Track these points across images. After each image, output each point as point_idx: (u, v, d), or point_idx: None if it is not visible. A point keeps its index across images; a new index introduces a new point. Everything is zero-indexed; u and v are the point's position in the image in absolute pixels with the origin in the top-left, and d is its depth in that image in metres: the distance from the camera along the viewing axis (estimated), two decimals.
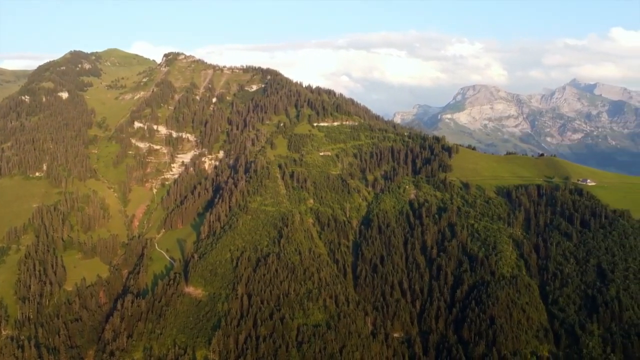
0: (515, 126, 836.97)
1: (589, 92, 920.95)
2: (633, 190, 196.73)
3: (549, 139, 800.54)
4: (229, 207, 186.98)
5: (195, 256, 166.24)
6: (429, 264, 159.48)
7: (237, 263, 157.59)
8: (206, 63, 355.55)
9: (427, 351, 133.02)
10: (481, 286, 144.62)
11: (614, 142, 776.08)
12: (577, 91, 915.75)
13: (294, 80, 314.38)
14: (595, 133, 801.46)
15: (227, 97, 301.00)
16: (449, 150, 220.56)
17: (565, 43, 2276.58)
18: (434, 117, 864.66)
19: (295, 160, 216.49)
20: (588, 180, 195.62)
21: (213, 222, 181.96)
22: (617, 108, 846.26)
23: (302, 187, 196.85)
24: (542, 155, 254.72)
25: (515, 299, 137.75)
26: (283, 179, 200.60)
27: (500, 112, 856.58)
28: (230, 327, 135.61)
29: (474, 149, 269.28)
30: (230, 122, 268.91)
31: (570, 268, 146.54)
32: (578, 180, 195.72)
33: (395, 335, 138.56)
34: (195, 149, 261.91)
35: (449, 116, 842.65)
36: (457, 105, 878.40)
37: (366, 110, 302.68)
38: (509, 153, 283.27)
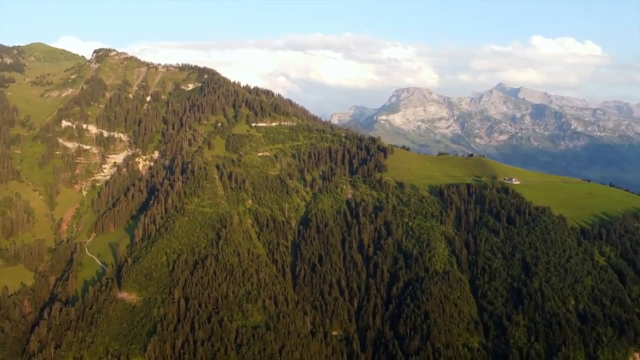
0: (447, 127, 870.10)
1: (514, 95, 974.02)
2: (553, 189, 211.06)
3: (477, 140, 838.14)
4: (165, 208, 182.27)
5: (129, 260, 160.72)
6: (366, 262, 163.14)
7: (173, 266, 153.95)
8: (140, 60, 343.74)
9: (365, 348, 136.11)
10: (416, 282, 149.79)
11: (536, 143, 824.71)
12: (503, 95, 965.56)
13: (232, 80, 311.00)
14: (519, 134, 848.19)
15: (162, 96, 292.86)
16: (384, 150, 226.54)
17: (491, 49, 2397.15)
18: (369, 119, 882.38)
19: (233, 161, 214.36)
20: (513, 179, 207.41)
21: (148, 224, 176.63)
22: (539, 111, 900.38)
23: (240, 187, 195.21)
24: (471, 155, 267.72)
25: (447, 293, 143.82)
26: (221, 179, 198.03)
27: (433, 114, 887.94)
28: (166, 332, 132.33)
29: (408, 149, 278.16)
30: (165, 122, 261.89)
31: (498, 263, 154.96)
32: (504, 179, 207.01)
33: (334, 333, 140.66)
34: (129, 149, 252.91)
35: (384, 117, 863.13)
36: (391, 107, 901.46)
37: (304, 111, 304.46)
38: (440, 153, 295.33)
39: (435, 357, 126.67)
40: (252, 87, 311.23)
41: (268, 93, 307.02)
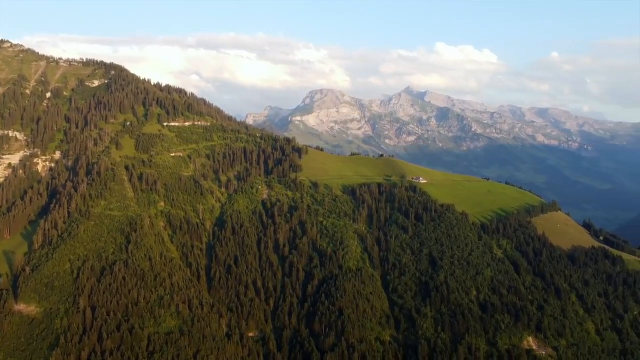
0: (359, 129, 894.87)
1: (421, 99, 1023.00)
2: (456, 187, 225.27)
3: (387, 141, 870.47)
4: (68, 213, 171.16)
5: (27, 269, 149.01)
6: (282, 261, 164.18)
7: (78, 274, 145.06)
8: (38, 54, 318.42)
9: (281, 347, 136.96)
10: (330, 280, 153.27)
11: (441, 144, 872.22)
12: (410, 98, 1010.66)
13: (142, 78, 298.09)
14: (426, 136, 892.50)
15: (65, 93, 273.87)
16: (299, 151, 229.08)
17: (399, 54, 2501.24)
18: (284, 119, 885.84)
19: (144, 162, 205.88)
20: (421, 179, 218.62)
21: (49, 230, 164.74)
22: (443, 114, 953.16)
23: (152, 189, 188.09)
24: (382, 156, 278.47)
25: (360, 290, 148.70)
26: (131, 181, 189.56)
27: (346, 116, 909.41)
28: (70, 345, 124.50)
29: (322, 150, 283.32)
30: (68, 120, 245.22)
31: (407, 258, 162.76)
32: (412, 178, 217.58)
33: (250, 334, 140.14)
34: (26, 149, 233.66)
35: (298, 118, 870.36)
36: (306, 108, 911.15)
37: (219, 111, 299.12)
38: (353, 154, 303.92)
39: (350, 353, 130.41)
40: (163, 85, 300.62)
41: (181, 92, 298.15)
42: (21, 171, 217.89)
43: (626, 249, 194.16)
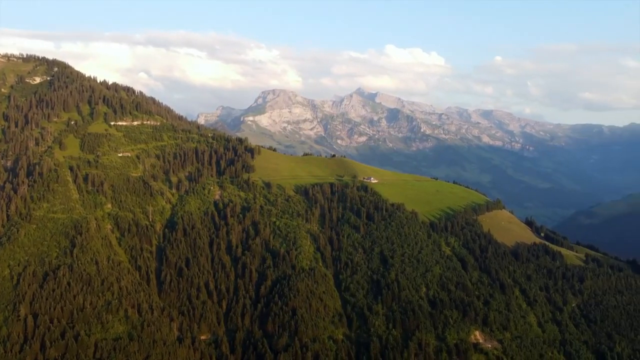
0: (311, 129, 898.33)
1: (371, 100, 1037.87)
2: (406, 186, 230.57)
3: (339, 141, 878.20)
4: (7, 216, 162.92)
5: None
6: (235, 262, 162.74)
7: (18, 280, 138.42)
8: None
9: (234, 349, 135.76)
10: (283, 280, 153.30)
11: (391, 145, 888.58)
12: (362, 99, 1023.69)
13: (87, 75, 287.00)
14: (376, 136, 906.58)
15: (3, 90, 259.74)
16: (251, 151, 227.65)
17: (350, 55, 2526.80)
18: (236, 119, 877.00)
19: (89, 162, 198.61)
20: (372, 178, 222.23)
21: None
22: (393, 115, 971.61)
23: (98, 190, 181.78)
24: (334, 156, 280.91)
25: (313, 289, 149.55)
26: (75, 182, 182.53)
27: (298, 116, 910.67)
28: (10, 355, 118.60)
29: (274, 150, 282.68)
30: (6, 119, 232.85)
31: (359, 257, 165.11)
32: (364, 178, 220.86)
33: (203, 337, 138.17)
34: None
35: (251, 118, 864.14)
36: (258, 108, 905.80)
37: (168, 110, 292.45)
38: (305, 154, 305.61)
39: (303, 352, 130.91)
40: (110, 83, 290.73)
41: (129, 90, 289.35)
42: None
43: (565, 244, 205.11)
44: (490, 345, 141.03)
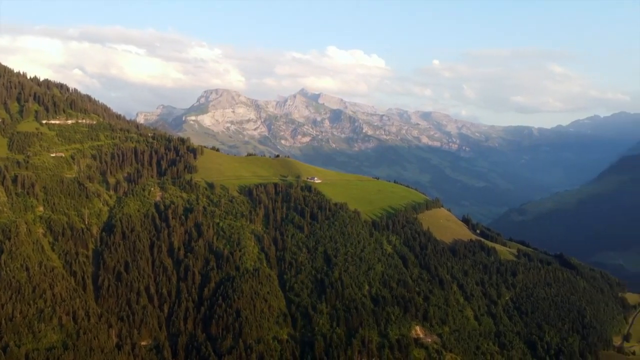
0: (255, 129, 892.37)
1: (315, 101, 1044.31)
2: (349, 186, 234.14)
3: (283, 141, 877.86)
4: None
5: None
6: (177, 265, 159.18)
7: None
8: None
9: (177, 354, 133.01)
10: (227, 282, 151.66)
11: (334, 145, 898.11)
12: (305, 99, 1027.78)
13: (15, 70, 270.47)
14: (320, 137, 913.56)
15: None
16: (194, 151, 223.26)
17: (292, 56, 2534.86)
18: (178, 119, 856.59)
19: (19, 163, 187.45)
20: (315, 178, 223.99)
21: None
22: (336, 116, 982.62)
23: (28, 192, 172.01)
24: (277, 156, 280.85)
25: (258, 290, 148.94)
26: (3, 184, 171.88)
27: (241, 116, 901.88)
28: None
29: (218, 150, 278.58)
30: None
31: (303, 257, 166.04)
32: (307, 178, 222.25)
33: (143, 343, 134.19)
34: None
35: (193, 118, 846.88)
36: (201, 108, 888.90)
37: (105, 109, 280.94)
38: (249, 154, 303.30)
39: (248, 354, 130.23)
40: (41, 79, 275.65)
41: (62, 87, 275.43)
42: None
43: (498, 240, 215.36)
44: (430, 340, 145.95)
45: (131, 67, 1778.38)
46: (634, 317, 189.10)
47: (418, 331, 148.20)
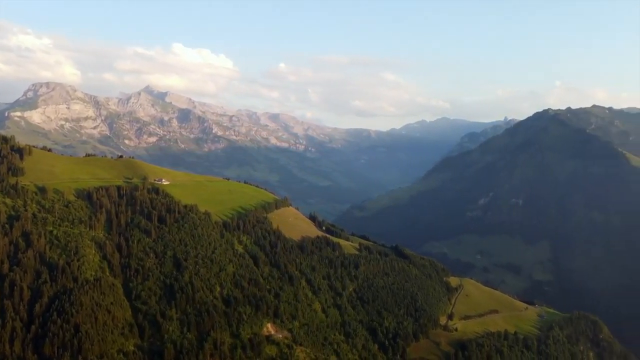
0: (94, 128, 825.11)
1: (162, 99, 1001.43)
2: (199, 187, 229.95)
3: (127, 141, 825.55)
4: None
5: None
6: (0, 281, 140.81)
7: None
8: None
9: None
10: (64, 295, 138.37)
11: (183, 145, 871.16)
12: (151, 98, 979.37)
13: None
14: (167, 137, 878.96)
15: None
16: (20, 151, 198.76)
17: (135, 51, 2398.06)
18: (0, 115, 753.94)
19: None
20: (163, 180, 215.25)
21: None
22: (185, 115, 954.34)
23: None
24: (121, 157, 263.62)
25: (100, 301, 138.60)
26: None
27: (78, 113, 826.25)
28: None
29: (50, 150, 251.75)
30: None
31: (151, 262, 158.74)
32: (155, 180, 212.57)
33: None
34: None
35: (19, 114, 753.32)
36: (28, 103, 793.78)
37: None
38: (88, 155, 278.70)
39: None
40: None
41: None
42: None
43: (342, 235, 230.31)
44: (281, 336, 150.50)
45: None
46: (455, 298, 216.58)
47: (269, 328, 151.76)
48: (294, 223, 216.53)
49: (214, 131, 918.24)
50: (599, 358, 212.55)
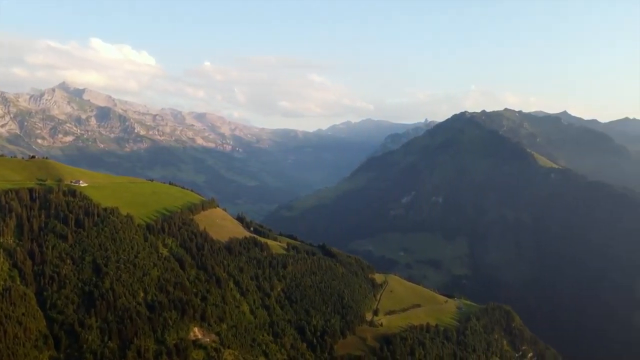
0: (2, 126, 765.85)
1: (79, 96, 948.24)
2: (120, 189, 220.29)
3: (40, 141, 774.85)
4: None
5: None
6: None
7: None
8: None
9: None
10: None
11: (102, 145, 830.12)
12: (67, 95, 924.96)
13: None
14: (85, 136, 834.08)
15: None
16: None
17: (48, 45, 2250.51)
18: None
19: None
20: (81, 182, 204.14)
21: None
22: (104, 114, 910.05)
23: None
24: (33, 157, 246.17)
25: (9, 312, 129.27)
26: None
27: None
28: None
29: None
30: None
31: (67, 269, 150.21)
32: (71, 181, 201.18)
33: None
34: None
35: None
36: None
37: None
38: None
39: None
40: None
41: None
42: None
43: (270, 235, 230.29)
44: (208, 339, 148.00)
45: None
46: (380, 294, 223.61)
47: (196, 332, 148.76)
48: (221, 224, 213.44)
49: (136, 130, 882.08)
50: (512, 345, 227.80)
